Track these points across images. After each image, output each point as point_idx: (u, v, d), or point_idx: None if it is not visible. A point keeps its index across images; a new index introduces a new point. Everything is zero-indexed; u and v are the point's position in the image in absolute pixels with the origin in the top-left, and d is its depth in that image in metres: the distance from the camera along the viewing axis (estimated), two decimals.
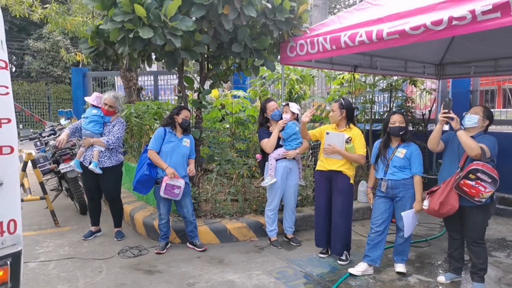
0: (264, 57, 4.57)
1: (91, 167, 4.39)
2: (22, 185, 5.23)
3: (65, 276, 3.69)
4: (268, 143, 4.33)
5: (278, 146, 4.36)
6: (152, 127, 6.13)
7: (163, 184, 4.08)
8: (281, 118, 4.37)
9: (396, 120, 3.58)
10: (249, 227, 4.69)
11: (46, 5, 8.18)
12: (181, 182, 4.12)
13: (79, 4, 8.14)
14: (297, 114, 4.41)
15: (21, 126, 7.37)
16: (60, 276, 3.70)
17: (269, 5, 4.22)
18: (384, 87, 7.30)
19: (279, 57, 5.10)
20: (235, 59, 4.89)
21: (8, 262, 2.39)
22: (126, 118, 6.14)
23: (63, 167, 5.38)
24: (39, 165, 5.38)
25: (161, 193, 4.10)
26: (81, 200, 5.61)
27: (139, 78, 8.82)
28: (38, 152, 6.37)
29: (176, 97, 7.47)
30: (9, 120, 2.39)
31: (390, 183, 3.58)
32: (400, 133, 3.58)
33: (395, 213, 3.69)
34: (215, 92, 7.35)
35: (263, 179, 4.51)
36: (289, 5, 4.30)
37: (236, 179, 5.24)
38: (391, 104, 7.33)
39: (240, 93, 7.33)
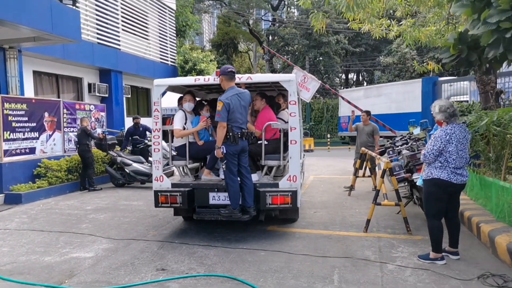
0: None
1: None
2: (378, 190, 5.72)
3: (422, 287, 3.71)
4: None
5: None
6: None
7: None
8: None
9: None
10: None
11: (401, 22, 8.71)
12: None
13: (433, 14, 8.13)
14: None
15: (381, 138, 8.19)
16: (417, 286, 3.74)
17: None
18: None
19: None
20: None
21: (289, 194, 5.04)
22: (486, 128, 5.53)
23: (416, 177, 5.49)
24: (395, 173, 5.73)
25: None
26: None
27: (497, 80, 7.78)
28: (391, 161, 6.82)
29: None
30: (296, 128, 5.13)
31: None
32: None
33: None
34: None
35: None
36: None
37: None
38: None
39: None
